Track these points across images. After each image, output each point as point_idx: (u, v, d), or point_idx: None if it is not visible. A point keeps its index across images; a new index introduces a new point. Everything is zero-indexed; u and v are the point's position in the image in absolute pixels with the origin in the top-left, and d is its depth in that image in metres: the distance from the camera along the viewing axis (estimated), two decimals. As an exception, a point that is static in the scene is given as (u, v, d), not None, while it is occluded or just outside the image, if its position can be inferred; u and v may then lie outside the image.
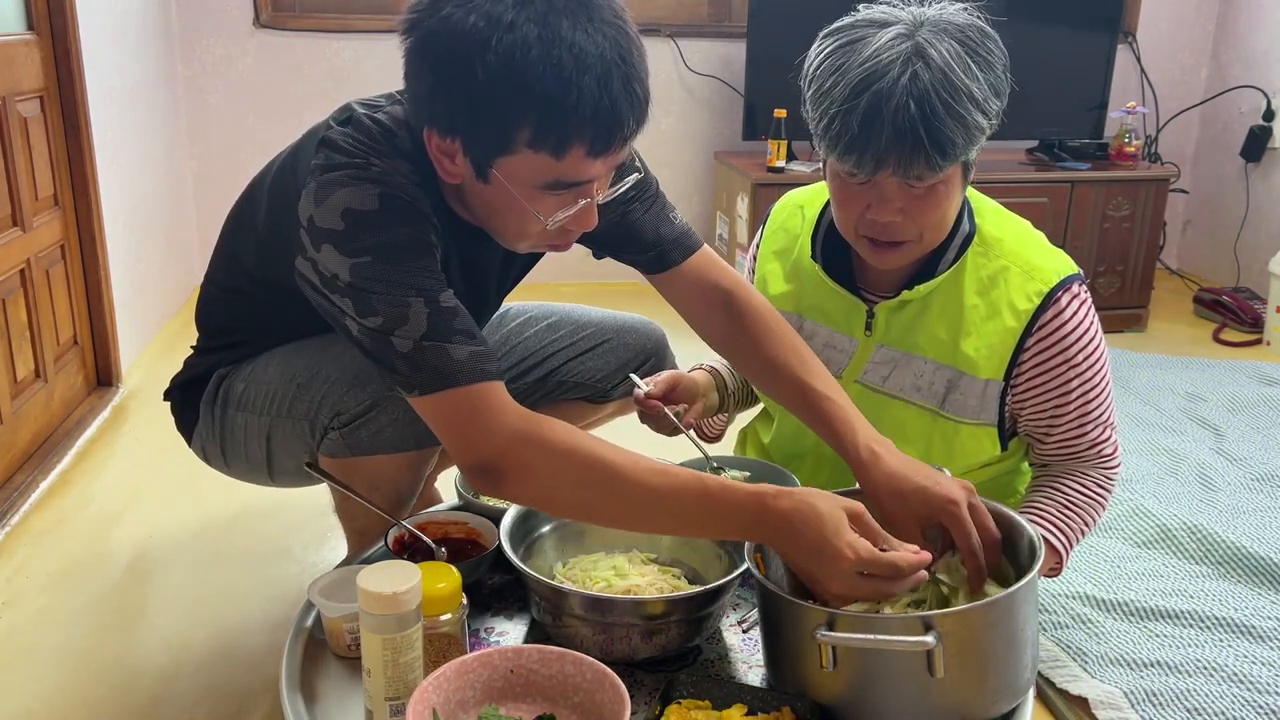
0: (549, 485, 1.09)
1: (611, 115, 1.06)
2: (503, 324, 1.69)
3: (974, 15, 1.27)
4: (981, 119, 1.22)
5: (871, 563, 1.02)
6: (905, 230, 1.29)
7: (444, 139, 1.11)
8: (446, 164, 1.14)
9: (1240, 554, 1.89)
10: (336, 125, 1.18)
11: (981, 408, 1.37)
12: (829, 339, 1.44)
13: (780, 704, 1.03)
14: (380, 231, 1.10)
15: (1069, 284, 1.35)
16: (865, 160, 1.22)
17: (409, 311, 1.08)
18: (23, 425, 2.23)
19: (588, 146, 1.07)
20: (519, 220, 1.16)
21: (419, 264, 1.11)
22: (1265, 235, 3.66)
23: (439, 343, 1.08)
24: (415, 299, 1.09)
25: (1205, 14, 3.93)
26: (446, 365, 1.08)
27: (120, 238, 2.77)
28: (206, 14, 3.43)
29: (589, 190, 1.14)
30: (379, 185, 1.12)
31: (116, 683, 1.58)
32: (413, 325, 1.08)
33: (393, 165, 1.15)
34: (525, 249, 1.25)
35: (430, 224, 1.15)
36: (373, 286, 1.09)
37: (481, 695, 1.02)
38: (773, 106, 3.21)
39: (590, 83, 1.04)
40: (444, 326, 1.09)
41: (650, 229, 1.40)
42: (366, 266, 1.09)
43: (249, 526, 2.05)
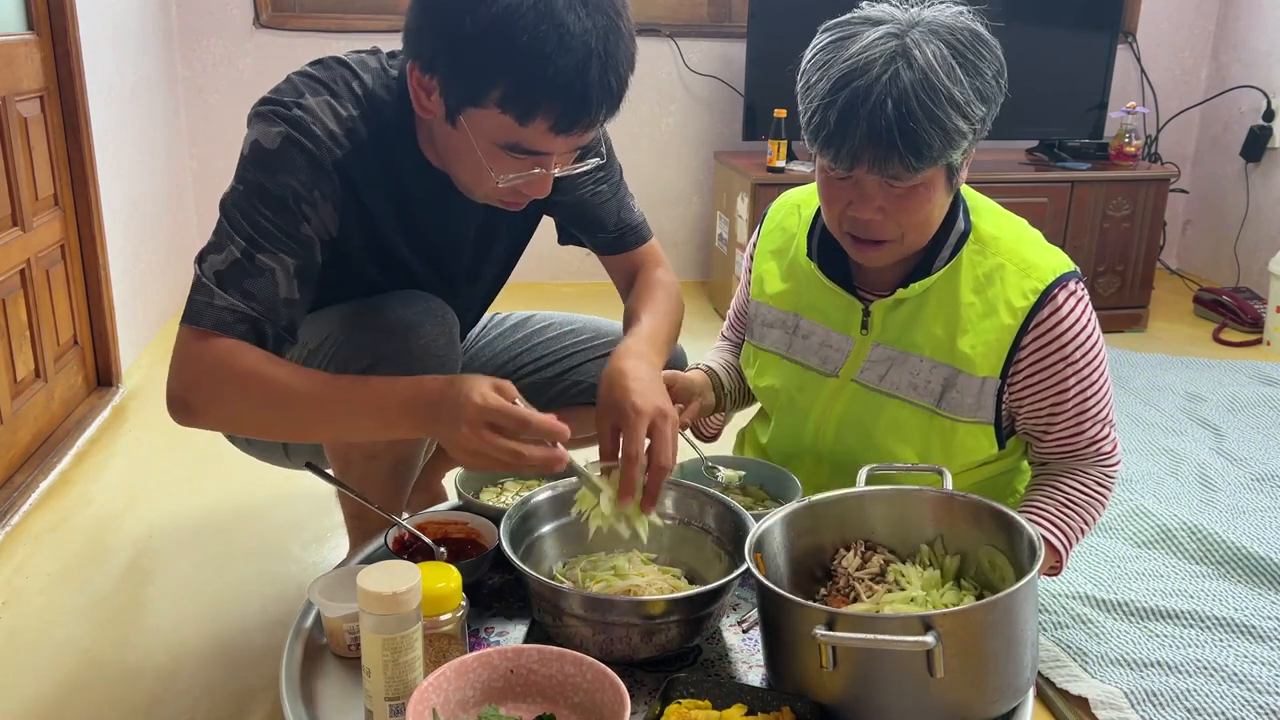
0: (230, 409, 1.18)
1: (581, 100, 1.11)
2: (525, 326, 1.72)
3: (973, 19, 1.26)
4: (962, 123, 1.21)
5: (498, 411, 1.07)
6: (885, 229, 1.29)
7: (423, 75, 1.17)
8: (423, 98, 1.19)
9: (1240, 554, 1.89)
10: (307, 65, 1.27)
11: (979, 406, 1.37)
12: (825, 338, 1.44)
13: (780, 704, 1.03)
14: (263, 170, 1.19)
15: (1065, 281, 1.35)
16: (841, 156, 1.23)
17: (226, 247, 1.18)
18: (23, 425, 2.23)
19: (551, 122, 1.13)
20: (473, 170, 1.21)
21: (273, 215, 1.18)
22: (1265, 235, 3.66)
23: (217, 286, 1.16)
24: (240, 241, 1.18)
25: (1205, 14, 3.93)
26: (204, 306, 1.16)
27: (120, 238, 2.77)
28: (206, 14, 3.43)
29: (546, 161, 1.19)
30: (289, 126, 1.19)
31: (116, 683, 1.58)
32: (220, 259, 1.18)
33: (332, 105, 1.22)
34: (480, 199, 1.29)
35: (325, 180, 1.21)
36: (226, 212, 1.20)
37: (481, 695, 1.02)
38: (773, 106, 3.21)
39: (568, 64, 1.09)
40: (234, 276, 1.17)
41: (613, 214, 1.49)
42: (235, 194, 1.20)
43: (249, 526, 2.05)
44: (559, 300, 3.50)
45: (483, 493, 1.44)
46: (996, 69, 1.25)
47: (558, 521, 1.31)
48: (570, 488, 1.29)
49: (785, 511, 1.19)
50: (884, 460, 1.36)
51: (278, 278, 1.18)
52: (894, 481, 1.33)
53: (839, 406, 1.44)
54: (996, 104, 1.26)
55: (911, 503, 1.22)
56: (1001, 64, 1.26)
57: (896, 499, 1.23)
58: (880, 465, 1.30)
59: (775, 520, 1.17)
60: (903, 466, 1.34)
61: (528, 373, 1.67)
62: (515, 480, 1.48)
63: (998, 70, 1.25)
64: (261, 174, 1.19)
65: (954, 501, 1.20)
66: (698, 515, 1.29)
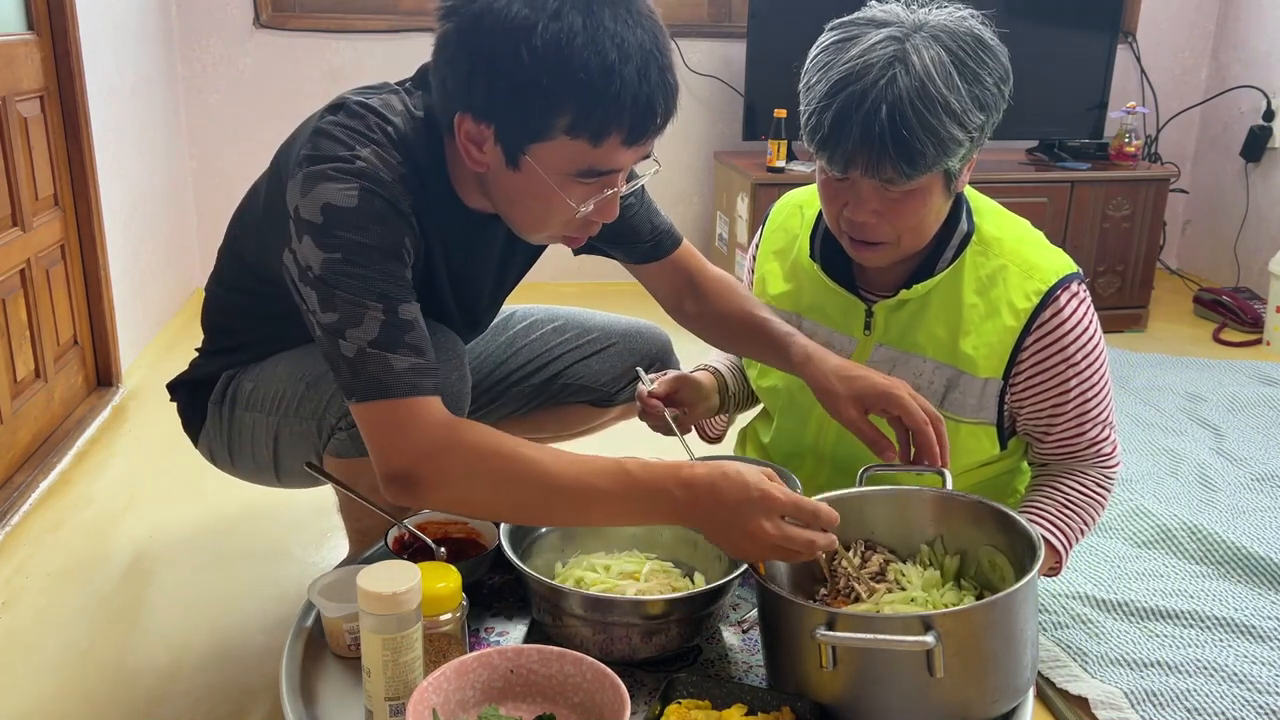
0: (467, 486, 1.09)
1: (649, 104, 1.09)
2: (508, 326, 1.69)
3: (980, 23, 1.26)
4: (958, 131, 1.21)
5: (794, 507, 1.05)
6: (881, 232, 1.29)
7: (477, 124, 1.12)
8: (474, 152, 1.15)
9: (1240, 554, 1.89)
10: (328, 115, 1.19)
11: (981, 406, 1.37)
12: (828, 339, 1.44)
13: (780, 704, 1.03)
14: (354, 229, 1.11)
15: (1068, 283, 1.35)
16: (835, 159, 1.24)
17: (365, 315, 1.09)
18: (23, 425, 2.23)
19: (625, 135, 1.10)
20: (544, 208, 1.17)
21: (386, 268, 1.12)
22: (1265, 235, 3.66)
23: (383, 352, 1.09)
24: (374, 304, 1.10)
25: (1205, 14, 3.93)
26: (384, 375, 1.08)
27: (120, 238, 2.77)
28: (206, 14, 3.43)
29: (616, 180, 1.16)
30: (360, 180, 1.12)
31: (116, 683, 1.58)
32: (364, 329, 1.09)
33: (380, 155, 1.15)
34: (541, 240, 1.27)
35: (408, 226, 1.16)
36: (338, 282, 1.10)
37: (481, 695, 1.02)
38: (773, 106, 3.21)
39: (631, 72, 1.06)
40: (393, 337, 1.10)
41: (646, 221, 1.46)
42: (336, 263, 1.10)
43: (249, 527, 2.05)
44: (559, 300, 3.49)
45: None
46: (1000, 75, 1.24)
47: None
48: None
49: (785, 511, 1.19)
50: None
51: (420, 325, 1.13)
52: (894, 481, 1.33)
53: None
54: (998, 111, 1.25)
55: (911, 503, 1.22)
56: (1006, 70, 1.25)
57: (896, 499, 1.23)
58: (881, 465, 1.30)
59: (775, 520, 1.17)
60: (903, 466, 1.34)
61: (518, 379, 1.65)
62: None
63: (1001, 77, 1.24)
64: (354, 233, 1.11)
65: (954, 501, 1.20)
66: (698, 515, 1.29)
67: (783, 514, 1.05)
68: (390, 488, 1.10)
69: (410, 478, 1.08)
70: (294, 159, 1.17)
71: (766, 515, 1.04)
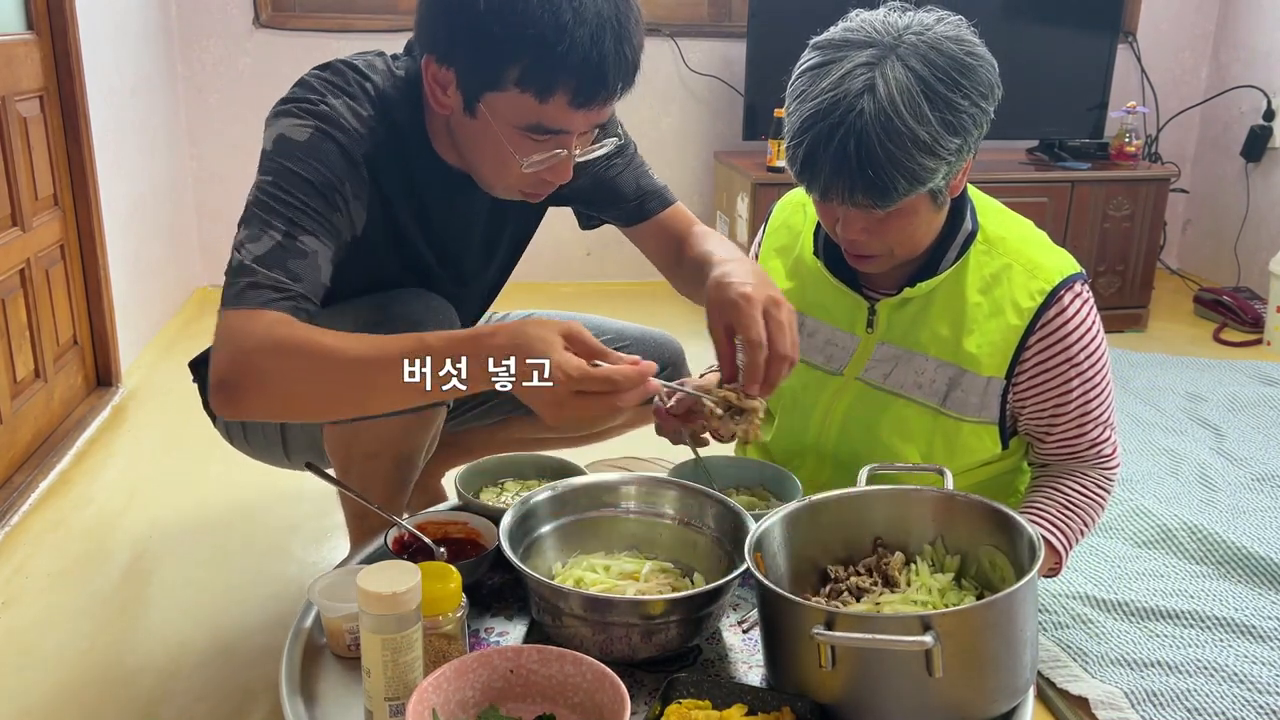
0: (283, 384, 1.10)
1: (598, 70, 1.12)
2: None
3: (964, 31, 1.23)
4: (928, 160, 1.19)
5: (584, 379, 1.03)
6: (872, 247, 1.31)
7: (439, 67, 1.16)
8: (439, 94, 1.19)
9: (1240, 554, 1.89)
10: (315, 69, 1.25)
11: (983, 405, 1.37)
12: (830, 336, 1.45)
13: (780, 704, 1.03)
14: (294, 160, 1.16)
15: (1072, 283, 1.35)
16: (813, 188, 1.25)
17: (265, 234, 1.14)
18: (23, 425, 2.23)
19: (571, 96, 1.13)
20: (496, 159, 1.21)
21: (308, 202, 1.16)
22: (1265, 235, 3.66)
23: (261, 268, 1.12)
24: (279, 226, 1.14)
25: (1205, 14, 3.93)
26: (246, 288, 1.11)
27: (120, 238, 2.77)
28: (206, 14, 3.43)
29: (567, 141, 1.19)
30: (317, 120, 1.18)
31: (116, 682, 1.58)
32: (258, 246, 1.13)
33: (351, 106, 1.21)
34: (501, 192, 1.29)
35: (355, 174, 1.19)
36: (258, 202, 1.15)
37: (481, 695, 1.02)
38: (773, 106, 3.20)
39: (584, 34, 1.10)
40: (277, 257, 1.13)
41: (631, 182, 1.47)
42: (265, 185, 1.16)
43: (249, 526, 2.05)
44: (559, 300, 3.50)
45: (483, 493, 1.44)
46: (980, 93, 1.21)
47: (558, 521, 1.31)
48: (568, 489, 1.29)
49: (785, 511, 1.19)
50: (887, 459, 1.36)
51: (320, 261, 1.16)
52: (895, 481, 1.33)
53: (843, 405, 1.44)
54: (980, 126, 1.23)
55: (912, 503, 1.22)
56: (990, 84, 1.23)
57: (897, 499, 1.23)
58: (881, 465, 1.30)
59: (775, 520, 1.17)
60: (904, 466, 1.34)
61: None
62: (515, 480, 1.48)
63: (982, 94, 1.22)
64: (293, 162, 1.16)
65: (954, 501, 1.20)
66: (698, 515, 1.29)
67: (575, 388, 1.03)
68: (215, 397, 1.11)
69: (228, 383, 1.10)
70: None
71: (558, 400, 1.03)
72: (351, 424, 1.36)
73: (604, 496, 1.31)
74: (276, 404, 1.14)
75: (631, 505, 1.32)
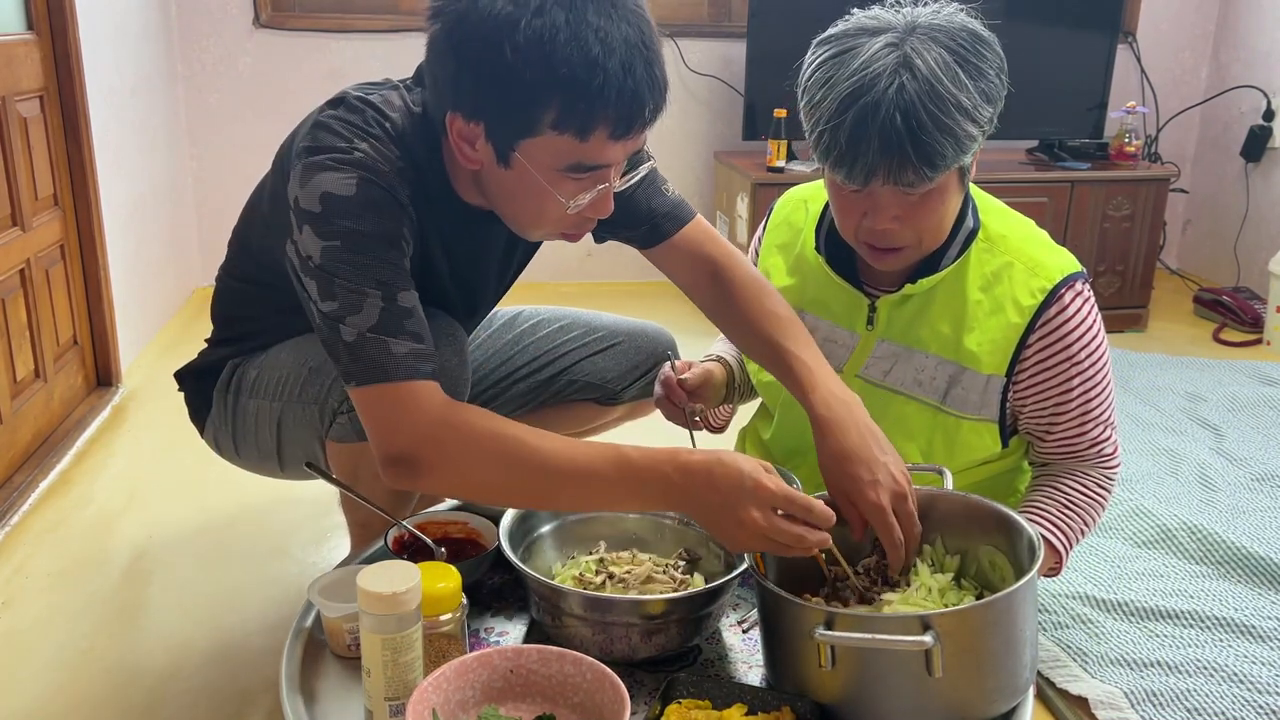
0: (465, 469, 1.09)
1: (634, 98, 1.09)
2: (515, 324, 1.71)
3: (971, 17, 1.26)
4: (972, 127, 1.21)
5: (786, 500, 1.05)
6: (903, 236, 1.29)
7: (467, 123, 1.13)
8: (467, 150, 1.16)
9: (1240, 554, 1.89)
10: (328, 109, 1.20)
11: (983, 403, 1.37)
12: (830, 333, 1.45)
13: (780, 704, 1.03)
14: (353, 217, 1.12)
15: (1073, 281, 1.35)
16: (855, 173, 1.23)
17: (364, 302, 1.10)
18: (23, 425, 2.23)
19: (611, 129, 1.10)
20: (538, 204, 1.17)
21: (384, 256, 1.13)
22: (1265, 235, 3.66)
23: (382, 336, 1.10)
24: (373, 291, 1.11)
25: (1205, 14, 3.93)
26: (384, 359, 1.10)
27: (120, 238, 2.77)
28: (206, 14, 3.43)
29: (607, 175, 1.16)
30: (359, 170, 1.14)
31: (116, 683, 1.58)
32: (364, 316, 1.10)
33: (378, 149, 1.17)
34: (538, 237, 1.27)
35: (406, 215, 1.17)
36: (337, 270, 1.11)
37: (481, 695, 1.02)
38: (773, 106, 3.21)
39: (615, 66, 1.07)
40: (393, 323, 1.11)
41: (643, 204, 1.43)
42: (335, 251, 1.11)
43: (249, 526, 2.05)
44: (559, 300, 3.49)
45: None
46: (998, 66, 1.25)
47: (558, 521, 1.31)
48: None
49: (785, 511, 1.19)
50: (886, 459, 1.36)
51: (419, 312, 1.14)
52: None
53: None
54: (1001, 100, 1.26)
55: (911, 503, 1.22)
56: (1002, 60, 1.26)
57: (896, 499, 1.23)
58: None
59: (775, 520, 1.17)
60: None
61: (523, 375, 1.66)
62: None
63: (999, 67, 1.25)
64: (354, 221, 1.12)
65: (954, 501, 1.20)
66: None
67: (775, 506, 1.05)
68: (389, 471, 1.10)
69: (409, 460, 1.09)
70: (294, 152, 1.19)
71: (758, 505, 1.04)
72: (358, 446, 1.35)
73: (604, 496, 1.31)
74: (456, 485, 1.14)
75: (631, 505, 1.31)
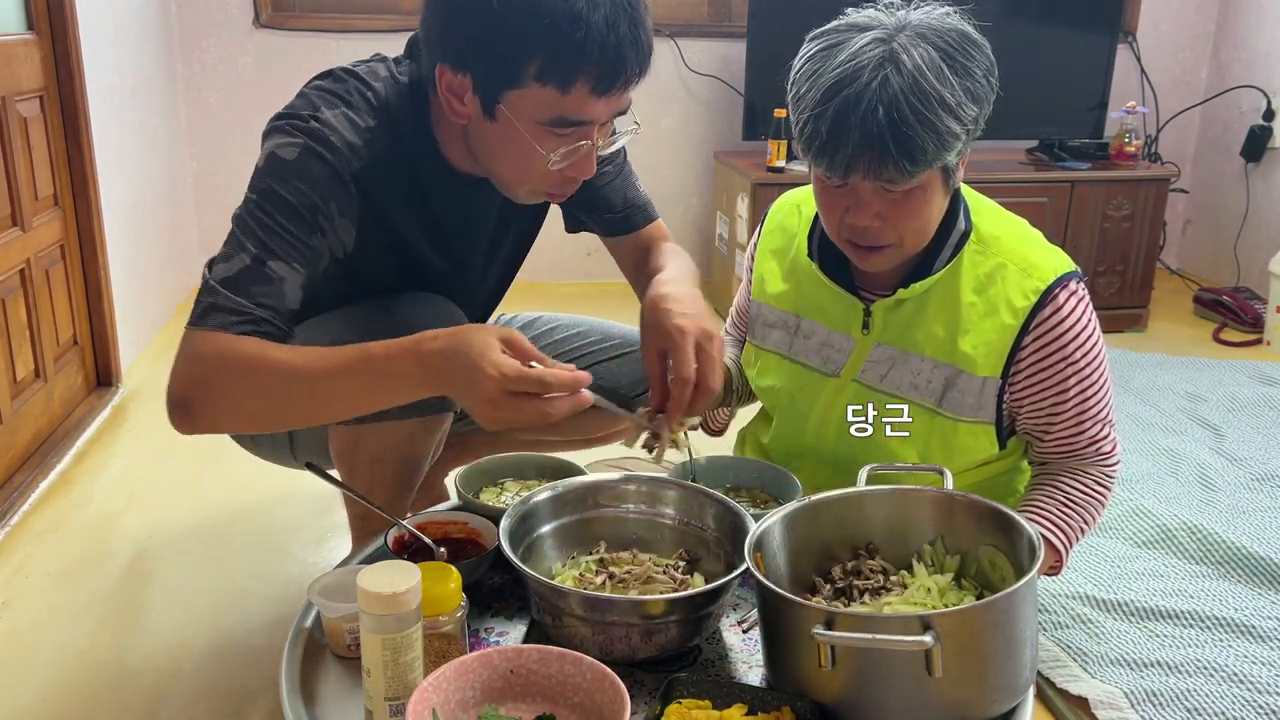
0: (230, 401, 1.13)
1: (616, 54, 1.13)
2: (531, 330, 1.72)
3: (960, 20, 1.26)
4: (955, 125, 1.21)
5: (517, 379, 1.06)
6: (884, 235, 1.29)
7: (455, 74, 1.16)
8: (455, 104, 1.19)
9: (1240, 554, 1.89)
10: (315, 80, 1.25)
11: (979, 405, 1.37)
12: (826, 338, 1.45)
13: (780, 704, 1.03)
14: (279, 180, 1.17)
15: (1066, 281, 1.35)
16: (836, 165, 1.23)
17: (236, 255, 1.15)
18: (23, 425, 2.23)
19: (593, 83, 1.13)
20: (521, 159, 1.20)
21: (286, 225, 1.16)
22: (1265, 235, 3.66)
23: (228, 291, 1.13)
24: (252, 249, 1.15)
25: (1205, 14, 3.93)
26: (206, 309, 1.13)
27: (120, 238, 2.77)
28: (206, 14, 3.43)
29: (590, 132, 1.19)
30: (307, 139, 1.18)
31: (116, 683, 1.58)
32: (228, 266, 1.15)
33: (349, 116, 1.21)
34: (525, 195, 1.29)
35: (344, 193, 1.20)
36: (240, 219, 1.17)
37: (481, 695, 1.02)
38: (773, 106, 3.21)
39: (599, 20, 1.11)
40: (244, 281, 1.14)
41: (620, 194, 1.49)
42: (249, 203, 1.18)
43: (249, 526, 2.05)
44: (559, 300, 3.50)
45: (483, 493, 1.44)
46: (986, 68, 1.25)
47: (558, 521, 1.31)
48: (567, 489, 1.30)
49: (785, 511, 1.19)
50: (885, 460, 1.36)
51: (286, 287, 1.17)
52: (894, 481, 1.33)
53: (840, 406, 1.44)
54: (988, 103, 1.26)
55: (911, 503, 1.22)
56: (991, 63, 1.25)
57: (896, 499, 1.23)
58: (881, 465, 1.30)
59: (775, 520, 1.17)
60: (903, 466, 1.34)
61: None
62: (515, 480, 1.48)
63: (988, 69, 1.25)
64: (277, 183, 1.17)
65: (954, 501, 1.20)
66: (698, 515, 1.29)
67: (508, 388, 1.06)
68: (171, 416, 1.13)
69: (184, 401, 1.12)
70: None
71: (495, 387, 1.05)
72: (357, 428, 1.36)
73: (604, 496, 1.32)
74: (229, 419, 1.18)
75: (631, 505, 1.32)
